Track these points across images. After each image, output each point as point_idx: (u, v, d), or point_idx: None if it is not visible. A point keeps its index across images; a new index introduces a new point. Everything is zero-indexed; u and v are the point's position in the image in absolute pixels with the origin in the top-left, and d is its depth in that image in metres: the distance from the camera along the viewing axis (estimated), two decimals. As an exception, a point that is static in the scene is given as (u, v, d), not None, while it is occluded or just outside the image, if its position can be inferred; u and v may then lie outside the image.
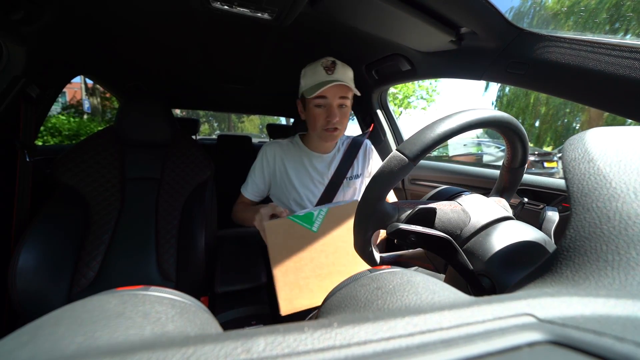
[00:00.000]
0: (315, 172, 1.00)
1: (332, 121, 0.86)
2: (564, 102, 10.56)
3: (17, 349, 0.15)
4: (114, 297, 0.21)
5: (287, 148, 1.00)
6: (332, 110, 0.86)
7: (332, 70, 0.85)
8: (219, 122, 22.91)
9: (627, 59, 0.50)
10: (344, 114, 0.89)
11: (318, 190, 0.99)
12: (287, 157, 0.99)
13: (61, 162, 0.94)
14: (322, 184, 1.00)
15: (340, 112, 0.87)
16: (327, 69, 0.85)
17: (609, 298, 0.16)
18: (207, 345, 0.13)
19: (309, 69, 0.89)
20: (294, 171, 0.98)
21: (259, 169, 0.98)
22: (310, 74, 0.87)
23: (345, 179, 1.00)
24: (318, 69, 0.85)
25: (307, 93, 0.85)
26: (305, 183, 0.99)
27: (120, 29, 0.91)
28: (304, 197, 0.98)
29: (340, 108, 0.88)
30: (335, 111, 0.86)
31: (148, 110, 1.02)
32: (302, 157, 1.00)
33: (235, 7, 0.68)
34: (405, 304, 0.22)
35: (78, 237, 0.90)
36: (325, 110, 0.87)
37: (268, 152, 0.98)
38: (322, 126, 0.88)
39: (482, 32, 0.70)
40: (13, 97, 0.82)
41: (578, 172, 0.23)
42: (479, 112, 0.36)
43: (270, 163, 0.97)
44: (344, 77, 0.86)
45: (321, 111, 0.87)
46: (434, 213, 0.40)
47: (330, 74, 0.85)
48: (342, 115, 0.88)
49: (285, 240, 0.67)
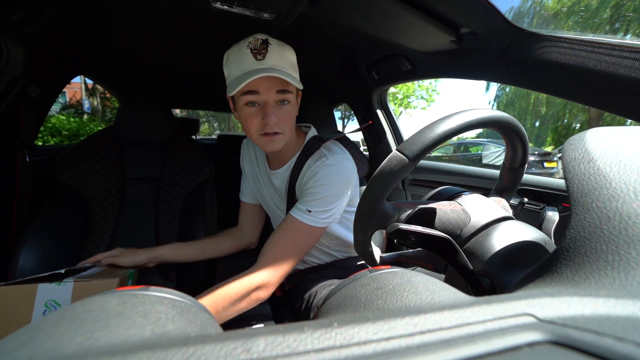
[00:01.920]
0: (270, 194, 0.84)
1: (268, 124, 0.64)
2: (564, 102, 10.57)
3: (17, 349, 0.15)
4: (114, 297, 0.21)
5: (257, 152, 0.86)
6: (267, 109, 0.64)
7: (262, 55, 0.62)
8: (219, 122, 22.92)
9: (627, 59, 0.50)
10: (287, 112, 0.67)
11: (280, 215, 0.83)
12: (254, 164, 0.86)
13: (61, 162, 0.94)
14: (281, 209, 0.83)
15: (279, 110, 0.66)
16: (257, 53, 0.62)
17: (609, 298, 0.16)
18: (207, 345, 0.13)
19: (233, 52, 0.65)
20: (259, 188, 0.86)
21: (242, 170, 0.90)
22: (235, 59, 0.64)
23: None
24: (244, 52, 0.62)
25: (231, 87, 0.62)
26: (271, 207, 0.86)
27: (120, 29, 0.91)
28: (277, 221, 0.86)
29: (280, 105, 0.66)
30: (272, 109, 0.64)
31: (148, 110, 1.02)
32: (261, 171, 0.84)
33: (236, 7, 0.68)
34: (405, 304, 0.22)
35: (78, 237, 0.90)
36: (259, 109, 0.65)
37: (241, 157, 0.88)
38: (257, 130, 0.66)
39: (482, 32, 0.70)
40: (13, 97, 0.83)
41: (578, 172, 0.23)
42: (479, 112, 0.36)
43: (242, 165, 0.89)
44: (281, 61, 0.64)
45: (254, 111, 0.65)
46: (434, 213, 0.40)
47: (260, 59, 0.62)
48: (284, 115, 0.67)
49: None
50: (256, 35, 0.63)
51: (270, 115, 0.64)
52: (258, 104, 0.65)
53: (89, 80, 7.50)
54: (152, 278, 0.93)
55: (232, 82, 0.63)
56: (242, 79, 0.60)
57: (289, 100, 0.67)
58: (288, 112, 0.68)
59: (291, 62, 0.67)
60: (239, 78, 0.61)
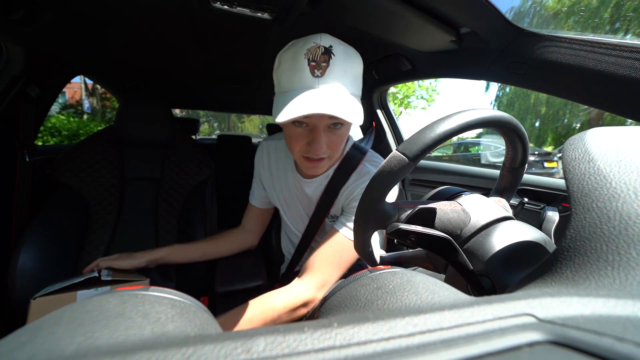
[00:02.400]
0: (299, 202, 0.79)
1: (315, 152, 0.57)
2: (564, 102, 10.58)
3: (17, 349, 0.15)
4: (114, 297, 0.21)
5: (277, 154, 0.79)
6: (315, 135, 0.55)
7: (322, 70, 0.51)
8: (219, 122, 22.91)
9: (627, 59, 0.50)
10: (339, 136, 0.59)
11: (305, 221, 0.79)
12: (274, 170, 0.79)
13: (61, 162, 0.94)
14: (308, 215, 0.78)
15: (331, 135, 0.58)
16: (315, 67, 0.51)
17: (609, 298, 0.16)
18: (207, 345, 0.13)
19: (286, 57, 0.55)
20: (279, 194, 0.80)
21: (255, 174, 0.85)
22: (287, 68, 0.54)
23: (327, 216, 0.74)
24: (300, 62, 0.52)
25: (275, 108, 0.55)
26: (292, 213, 0.82)
27: (120, 29, 0.91)
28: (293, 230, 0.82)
29: (332, 129, 0.57)
30: (321, 138, 0.56)
31: (148, 110, 1.02)
32: (288, 175, 0.77)
33: (236, 7, 0.68)
34: (405, 304, 0.22)
35: (78, 237, 0.90)
36: (307, 131, 0.57)
37: (255, 160, 0.82)
38: (300, 152, 0.59)
39: (482, 32, 0.70)
40: (13, 97, 0.83)
41: (578, 172, 0.23)
42: (479, 112, 0.36)
43: (257, 170, 0.83)
44: (344, 78, 0.53)
45: (300, 132, 0.57)
46: (434, 213, 0.40)
47: (318, 76, 0.51)
48: (336, 139, 0.59)
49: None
50: (319, 39, 0.52)
51: (320, 142, 0.55)
52: (307, 125, 0.57)
53: (89, 80, 7.50)
54: (152, 278, 0.93)
55: (280, 99, 0.54)
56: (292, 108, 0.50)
57: (343, 123, 0.56)
58: (340, 136, 0.59)
59: (355, 75, 0.57)
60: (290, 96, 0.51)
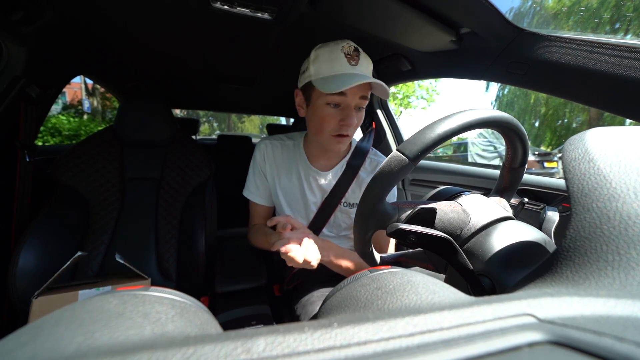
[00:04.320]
0: (312, 194, 0.82)
1: (346, 126, 0.68)
2: (564, 102, 10.58)
3: (17, 349, 0.15)
4: (114, 297, 0.21)
5: (282, 153, 0.83)
6: (349, 112, 0.67)
7: (355, 61, 0.65)
8: (219, 122, 22.90)
9: (627, 59, 0.50)
10: (360, 118, 0.71)
11: (312, 213, 0.83)
12: (280, 167, 0.82)
13: (61, 162, 0.94)
14: (317, 206, 0.83)
15: (357, 115, 0.70)
16: (350, 58, 0.65)
17: (609, 298, 0.16)
18: (207, 346, 0.13)
19: (324, 51, 0.67)
20: (283, 190, 0.83)
21: (257, 170, 0.84)
22: (326, 59, 0.66)
23: (340, 203, 0.81)
24: (338, 55, 0.65)
25: (323, 86, 0.64)
26: (297, 206, 0.84)
27: (120, 29, 0.91)
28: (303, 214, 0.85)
29: (358, 111, 0.70)
30: (353, 113, 0.68)
31: (148, 110, 1.02)
32: (299, 170, 0.82)
33: (236, 7, 0.68)
34: (405, 304, 0.22)
35: (78, 237, 0.90)
36: (340, 111, 0.68)
37: (257, 156, 0.84)
38: (331, 131, 0.69)
39: (482, 32, 0.70)
40: (13, 97, 0.83)
41: (578, 172, 0.23)
42: (479, 112, 0.36)
43: (261, 166, 0.84)
44: (368, 69, 0.69)
45: (335, 112, 0.68)
46: (434, 213, 0.40)
47: (354, 65, 0.65)
48: (359, 120, 0.71)
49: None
50: (347, 41, 0.67)
51: (353, 117, 0.68)
52: (340, 106, 0.68)
53: (89, 80, 7.50)
54: (153, 278, 0.93)
55: (324, 81, 0.65)
56: (339, 81, 0.62)
57: (363, 107, 0.71)
58: (360, 118, 0.72)
59: (371, 69, 0.71)
60: (336, 78, 0.64)
